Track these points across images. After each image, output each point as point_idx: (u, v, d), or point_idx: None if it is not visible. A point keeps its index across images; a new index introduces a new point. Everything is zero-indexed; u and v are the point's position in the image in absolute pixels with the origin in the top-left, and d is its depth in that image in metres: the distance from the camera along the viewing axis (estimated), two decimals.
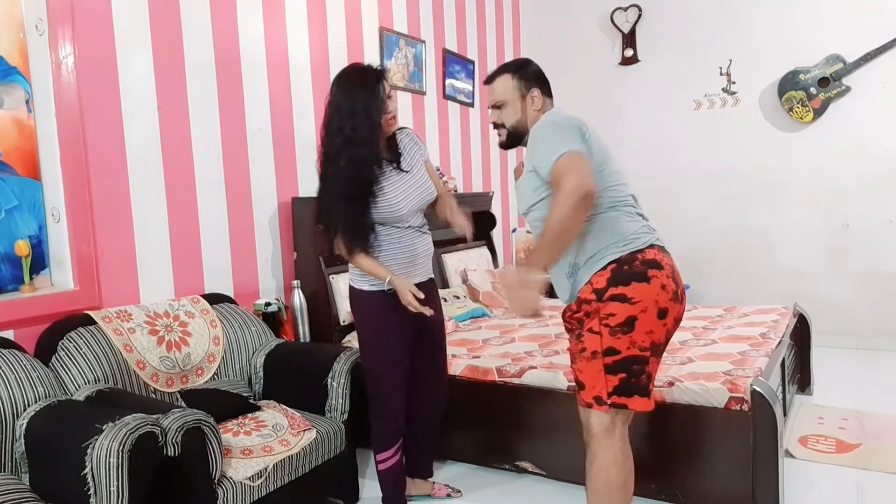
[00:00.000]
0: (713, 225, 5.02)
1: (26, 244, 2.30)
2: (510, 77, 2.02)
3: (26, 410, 1.94)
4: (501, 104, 2.03)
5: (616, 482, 1.85)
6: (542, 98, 2.02)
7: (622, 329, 1.78)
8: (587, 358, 1.83)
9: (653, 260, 1.83)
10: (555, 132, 1.84)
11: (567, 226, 1.71)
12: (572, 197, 1.69)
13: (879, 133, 4.42)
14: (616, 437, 1.85)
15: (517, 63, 2.10)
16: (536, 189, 1.89)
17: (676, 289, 1.85)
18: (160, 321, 2.48)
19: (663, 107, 5.11)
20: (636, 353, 1.80)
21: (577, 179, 1.70)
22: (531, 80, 2.02)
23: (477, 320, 3.76)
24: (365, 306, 2.34)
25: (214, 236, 2.93)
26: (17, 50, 2.31)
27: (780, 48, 4.66)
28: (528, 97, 2.01)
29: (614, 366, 1.80)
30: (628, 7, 5.14)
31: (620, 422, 1.86)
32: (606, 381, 1.81)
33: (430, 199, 2.36)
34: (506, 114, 2.03)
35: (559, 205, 1.70)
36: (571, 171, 1.72)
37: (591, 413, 1.86)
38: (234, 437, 2.19)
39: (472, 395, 2.82)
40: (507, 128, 2.04)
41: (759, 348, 2.83)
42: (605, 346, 1.80)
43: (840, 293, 4.60)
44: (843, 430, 3.08)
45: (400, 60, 4.13)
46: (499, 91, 2.04)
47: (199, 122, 2.86)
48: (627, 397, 1.81)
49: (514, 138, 2.05)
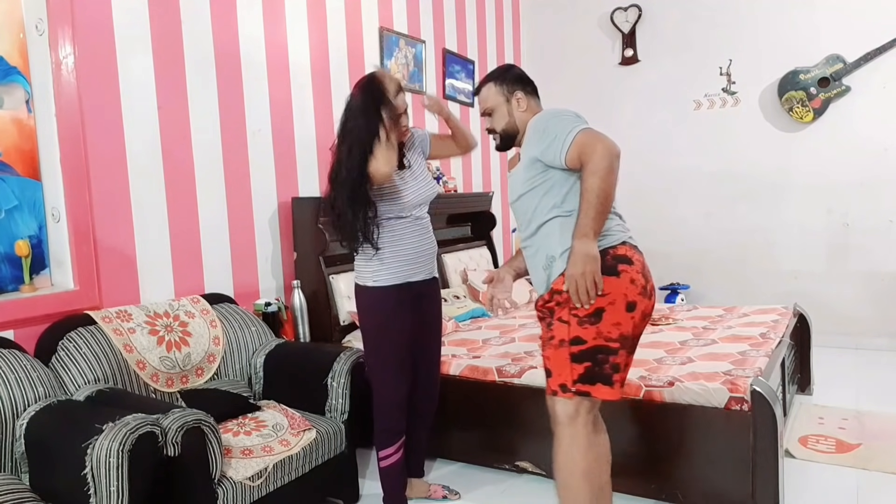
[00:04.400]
0: (713, 225, 5.02)
1: (26, 244, 2.30)
2: (493, 85, 2.13)
3: (26, 410, 1.94)
4: (490, 111, 2.14)
5: (580, 468, 1.91)
6: (526, 98, 2.11)
7: (590, 320, 1.85)
8: (555, 346, 1.91)
9: (623, 255, 1.90)
10: (559, 119, 1.93)
11: (607, 188, 1.82)
12: (606, 160, 1.80)
13: (879, 133, 4.42)
14: (580, 425, 1.92)
15: (499, 70, 2.20)
16: (531, 178, 1.96)
17: (646, 284, 1.92)
18: (160, 321, 2.48)
19: (663, 107, 5.11)
20: (602, 344, 1.86)
21: (603, 144, 1.82)
22: (513, 84, 2.12)
23: (477, 320, 3.76)
24: (369, 302, 2.39)
25: (214, 236, 2.93)
26: (17, 50, 2.31)
27: (780, 48, 4.66)
28: (512, 100, 2.11)
29: (580, 355, 1.87)
30: (628, 7, 5.14)
31: (585, 410, 1.92)
32: (572, 370, 1.88)
33: (433, 191, 2.47)
34: (496, 119, 2.13)
35: (595, 171, 1.81)
36: (594, 139, 1.84)
37: (557, 401, 1.93)
38: (234, 437, 2.19)
39: (472, 395, 2.82)
40: (498, 132, 2.14)
41: (759, 348, 2.83)
42: (573, 335, 1.87)
43: (840, 293, 4.60)
44: (843, 430, 3.08)
45: (400, 60, 4.13)
46: (485, 99, 2.14)
47: (199, 122, 2.86)
48: (591, 385, 1.88)
49: (507, 140, 2.15)
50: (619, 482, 2.53)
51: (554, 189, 1.93)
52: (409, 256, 2.36)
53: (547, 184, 1.94)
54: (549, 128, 1.93)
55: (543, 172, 1.94)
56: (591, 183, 1.81)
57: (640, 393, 2.48)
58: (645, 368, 2.63)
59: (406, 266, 2.36)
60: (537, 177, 1.95)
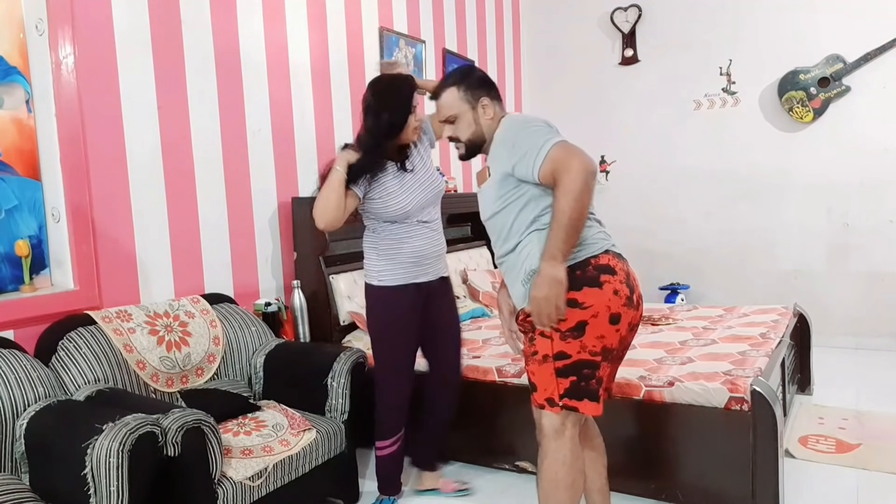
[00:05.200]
0: (713, 225, 5.02)
1: (26, 244, 2.30)
2: (456, 90, 1.97)
3: (26, 410, 1.94)
4: (454, 118, 1.99)
5: (564, 481, 1.88)
6: (492, 104, 1.97)
7: (572, 334, 1.79)
8: (539, 361, 1.85)
9: (606, 265, 1.82)
10: (529, 132, 1.83)
11: (581, 208, 1.72)
12: (580, 180, 1.71)
13: (879, 133, 4.42)
14: (566, 438, 1.87)
15: (460, 73, 2.04)
16: (504, 195, 1.87)
17: (631, 294, 1.84)
18: (160, 321, 2.48)
19: (663, 107, 5.11)
20: (586, 358, 1.81)
21: (579, 160, 1.72)
22: (478, 89, 1.97)
23: (477, 320, 3.76)
24: (372, 301, 2.42)
25: (214, 236, 2.93)
26: (17, 50, 2.31)
27: (780, 48, 4.65)
28: (478, 107, 1.96)
29: (564, 369, 1.82)
30: (628, 7, 5.13)
31: (571, 423, 1.88)
32: (558, 384, 1.83)
33: (438, 190, 2.45)
34: (460, 127, 1.98)
35: (569, 190, 1.71)
36: (569, 155, 1.74)
37: (543, 414, 1.89)
38: (234, 437, 2.19)
39: (472, 395, 2.81)
40: (463, 141, 1.99)
41: (759, 348, 2.83)
42: (556, 350, 1.81)
43: (840, 293, 4.60)
44: (843, 430, 3.08)
45: (400, 60, 4.13)
46: (447, 105, 1.99)
47: (199, 122, 2.86)
48: (578, 401, 1.83)
49: (472, 150, 2.01)
50: (619, 482, 2.54)
51: (530, 204, 1.85)
52: (414, 259, 2.37)
53: (522, 199, 1.85)
54: (518, 141, 1.83)
55: (517, 188, 1.85)
56: (564, 203, 1.71)
57: (640, 393, 2.48)
58: (645, 368, 2.63)
59: (411, 268, 2.36)
60: (511, 192, 1.86)
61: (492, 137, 1.94)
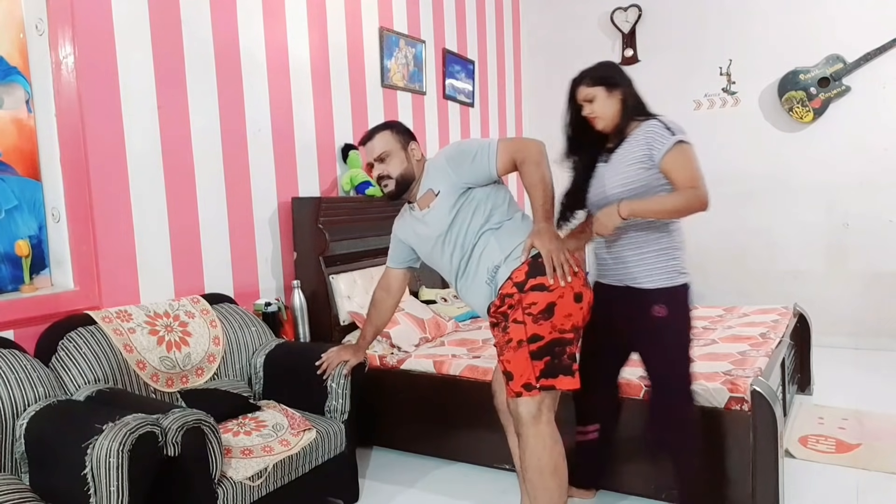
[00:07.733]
0: (713, 225, 4.98)
1: (26, 244, 2.30)
2: (389, 133, 2.19)
3: (26, 410, 1.94)
4: (385, 156, 2.16)
5: (548, 467, 1.96)
6: (419, 150, 2.21)
7: (543, 316, 1.94)
8: (514, 348, 1.96)
9: None
10: (466, 143, 2.09)
11: (549, 174, 2.03)
12: (539, 148, 2.04)
13: (879, 133, 4.42)
14: (543, 423, 1.96)
15: (389, 123, 2.27)
16: (454, 205, 2.07)
17: (586, 276, 2.07)
18: (160, 321, 2.48)
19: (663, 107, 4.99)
20: (558, 337, 1.95)
21: (531, 142, 2.06)
22: (407, 136, 2.21)
23: (477, 320, 3.75)
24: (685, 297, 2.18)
25: (214, 236, 2.93)
26: (17, 50, 2.31)
27: (780, 48, 4.65)
28: (408, 149, 2.19)
29: (538, 351, 1.94)
30: (628, 7, 5.14)
31: (546, 408, 1.97)
32: (533, 367, 1.95)
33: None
34: (391, 164, 2.16)
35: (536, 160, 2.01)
36: (519, 140, 2.08)
37: (520, 402, 1.97)
38: (234, 437, 2.19)
39: (472, 394, 2.81)
40: (394, 178, 2.16)
41: (759, 348, 2.83)
42: (530, 333, 1.94)
43: (840, 293, 4.60)
44: (843, 430, 3.08)
45: (400, 60, 4.13)
46: (380, 145, 2.18)
47: (199, 121, 2.86)
48: (553, 378, 1.95)
49: (402, 186, 2.17)
50: (619, 482, 2.55)
51: (479, 208, 2.06)
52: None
53: (471, 205, 2.06)
54: (463, 150, 2.09)
55: (465, 194, 2.07)
56: (537, 175, 2.00)
57: (640, 393, 2.48)
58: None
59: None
60: (460, 200, 2.07)
61: (419, 178, 2.16)
